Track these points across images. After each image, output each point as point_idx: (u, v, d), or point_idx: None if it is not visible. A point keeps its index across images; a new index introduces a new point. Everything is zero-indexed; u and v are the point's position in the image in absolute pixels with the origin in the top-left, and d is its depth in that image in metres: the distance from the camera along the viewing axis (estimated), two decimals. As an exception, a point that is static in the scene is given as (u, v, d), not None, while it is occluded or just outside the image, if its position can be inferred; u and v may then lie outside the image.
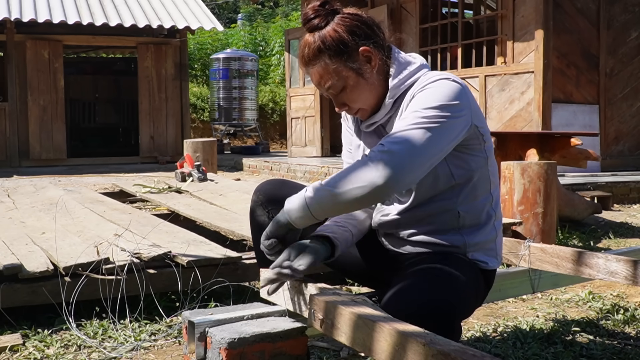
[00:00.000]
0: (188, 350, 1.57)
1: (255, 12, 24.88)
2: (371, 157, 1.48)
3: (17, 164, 10.73)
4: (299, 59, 1.74)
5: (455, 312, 1.46)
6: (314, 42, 1.66)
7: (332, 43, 1.64)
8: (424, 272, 1.57)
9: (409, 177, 1.47)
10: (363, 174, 1.47)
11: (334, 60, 1.65)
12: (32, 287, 2.53)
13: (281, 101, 16.93)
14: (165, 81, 11.57)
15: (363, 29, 1.67)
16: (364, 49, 1.66)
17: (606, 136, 7.80)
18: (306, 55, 1.68)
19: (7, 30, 10.57)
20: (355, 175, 1.48)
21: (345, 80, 1.67)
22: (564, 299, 3.02)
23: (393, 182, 1.45)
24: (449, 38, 8.55)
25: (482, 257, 1.74)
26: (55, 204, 4.27)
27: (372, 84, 1.68)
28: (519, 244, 2.44)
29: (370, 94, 1.69)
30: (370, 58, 1.67)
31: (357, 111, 1.72)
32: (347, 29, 1.65)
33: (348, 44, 1.65)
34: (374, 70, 1.68)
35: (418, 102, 1.59)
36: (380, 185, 1.45)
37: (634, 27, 7.94)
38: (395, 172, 1.45)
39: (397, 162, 1.46)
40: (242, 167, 10.54)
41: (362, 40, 1.66)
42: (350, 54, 1.65)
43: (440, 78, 1.62)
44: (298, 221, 1.57)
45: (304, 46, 1.69)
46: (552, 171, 3.83)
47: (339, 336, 1.42)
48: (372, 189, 1.45)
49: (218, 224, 3.71)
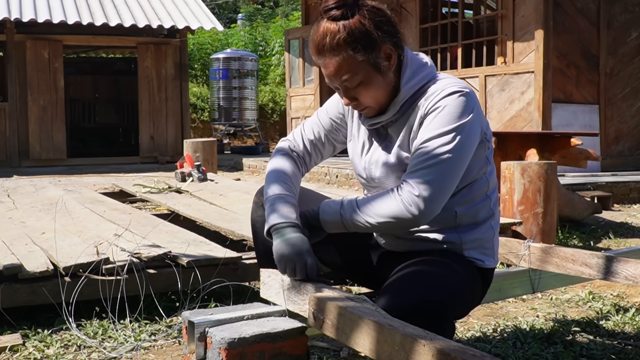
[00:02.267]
0: (188, 350, 1.57)
1: (255, 12, 24.87)
2: (405, 199, 1.57)
3: (17, 164, 10.72)
4: (313, 46, 1.64)
5: (447, 312, 1.46)
6: (339, 32, 1.58)
7: (359, 36, 1.58)
8: (418, 271, 1.58)
9: (438, 208, 1.59)
10: (398, 212, 1.58)
11: (358, 54, 1.59)
12: (32, 287, 2.52)
13: (281, 101, 16.92)
14: (165, 81, 11.56)
15: (389, 26, 1.63)
16: (387, 47, 1.62)
17: (606, 136, 7.80)
18: (327, 44, 1.60)
19: (7, 30, 10.56)
20: (390, 211, 1.59)
21: (364, 76, 1.62)
22: (564, 299, 3.02)
23: (425, 219, 1.59)
24: (449, 38, 8.55)
25: (479, 256, 1.74)
26: (55, 204, 4.27)
27: (386, 82, 1.65)
28: (519, 244, 2.44)
29: (382, 92, 1.66)
30: (391, 56, 1.64)
31: (364, 108, 1.69)
32: (375, 24, 1.60)
33: (376, 39, 1.60)
34: (391, 69, 1.65)
35: (433, 125, 1.58)
36: (415, 221, 1.59)
37: (634, 27, 7.94)
38: (427, 211, 1.57)
39: (427, 204, 1.56)
40: (242, 167, 10.54)
41: (387, 36, 1.62)
42: (374, 49, 1.61)
43: (450, 93, 1.60)
44: (331, 231, 1.71)
45: (324, 34, 1.60)
46: (552, 171, 3.83)
47: (338, 336, 1.42)
48: (406, 224, 1.61)
49: (218, 224, 3.71)
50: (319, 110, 1.92)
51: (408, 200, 1.56)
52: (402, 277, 1.57)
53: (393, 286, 1.55)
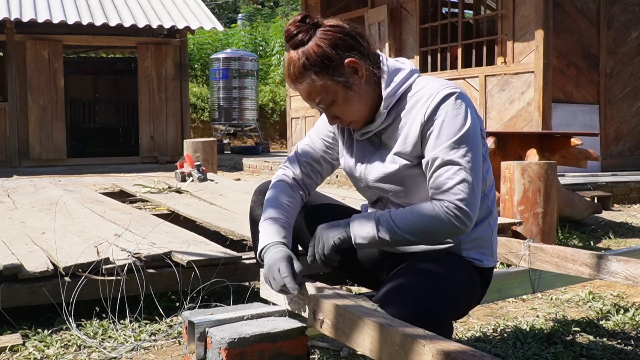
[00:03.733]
0: (188, 350, 1.57)
1: (255, 12, 24.88)
2: (444, 220, 1.57)
3: (17, 164, 10.72)
4: (285, 76, 1.72)
5: (444, 313, 1.47)
6: (299, 60, 1.62)
7: (316, 59, 1.61)
8: (416, 271, 1.59)
9: (475, 214, 1.59)
10: (443, 229, 1.59)
11: (320, 77, 1.62)
12: (32, 287, 2.52)
13: (281, 101, 16.93)
14: (165, 81, 11.57)
15: (346, 40, 1.64)
16: (350, 61, 1.62)
17: (606, 136, 7.80)
18: (292, 74, 1.65)
19: (7, 30, 10.56)
20: (435, 231, 1.60)
21: (334, 95, 1.64)
22: (564, 299, 3.02)
23: (466, 227, 1.59)
24: (449, 38, 8.54)
25: (477, 255, 1.74)
26: (55, 204, 4.27)
27: (362, 95, 1.65)
28: (519, 244, 2.44)
29: (361, 105, 1.67)
30: (357, 69, 1.64)
31: (349, 123, 1.71)
32: (330, 43, 1.61)
33: (332, 58, 1.61)
34: (362, 80, 1.65)
35: (443, 137, 1.58)
36: (463, 232, 1.61)
37: (634, 27, 7.94)
38: (472, 221, 1.59)
39: (472, 215, 1.58)
40: (242, 167, 10.54)
41: (346, 52, 1.62)
42: (336, 67, 1.62)
43: (445, 96, 1.60)
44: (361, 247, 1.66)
45: (289, 64, 1.66)
46: (552, 171, 3.83)
47: (338, 336, 1.42)
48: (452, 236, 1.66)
49: (218, 224, 3.71)
50: (310, 132, 1.95)
51: (448, 219, 1.57)
52: (400, 278, 1.57)
53: (390, 288, 1.55)
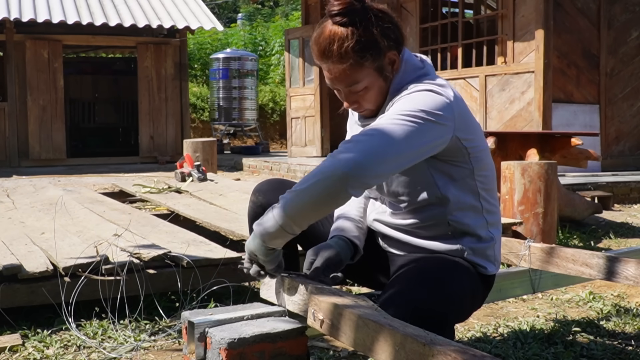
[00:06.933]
0: (188, 350, 1.57)
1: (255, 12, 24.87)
2: (335, 151, 1.44)
3: (17, 164, 10.72)
4: (318, 49, 1.59)
5: (447, 319, 1.45)
6: (347, 39, 1.54)
7: (367, 44, 1.55)
8: (420, 276, 1.55)
9: (374, 165, 1.40)
10: (326, 164, 1.41)
11: (366, 62, 1.57)
12: (32, 287, 2.52)
13: (281, 101, 16.92)
14: (165, 81, 11.56)
15: (394, 32, 1.60)
16: (392, 53, 1.60)
17: (607, 136, 7.80)
18: (335, 51, 1.55)
19: (6, 30, 10.56)
20: (319, 168, 1.41)
21: (369, 82, 1.60)
22: (565, 299, 3.01)
23: (357, 168, 1.38)
24: (449, 38, 8.54)
25: (480, 261, 1.70)
26: (55, 204, 4.27)
27: (387, 86, 1.63)
28: (519, 244, 2.44)
29: (383, 96, 1.64)
30: (395, 61, 1.61)
31: (364, 110, 1.67)
32: (382, 31, 1.57)
33: (382, 48, 1.57)
34: (394, 73, 1.63)
35: (398, 105, 1.54)
36: (344, 171, 1.38)
37: (634, 27, 7.94)
38: (359, 158, 1.38)
39: (361, 148, 1.40)
40: (242, 167, 10.54)
41: (392, 43, 1.59)
42: (381, 56, 1.58)
43: (429, 89, 1.55)
44: (272, 242, 1.51)
45: (330, 39, 1.56)
46: (552, 171, 3.82)
47: (339, 336, 1.42)
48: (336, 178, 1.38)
49: (218, 224, 3.71)
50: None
51: (339, 148, 1.44)
52: (403, 282, 1.54)
53: (394, 292, 1.52)
